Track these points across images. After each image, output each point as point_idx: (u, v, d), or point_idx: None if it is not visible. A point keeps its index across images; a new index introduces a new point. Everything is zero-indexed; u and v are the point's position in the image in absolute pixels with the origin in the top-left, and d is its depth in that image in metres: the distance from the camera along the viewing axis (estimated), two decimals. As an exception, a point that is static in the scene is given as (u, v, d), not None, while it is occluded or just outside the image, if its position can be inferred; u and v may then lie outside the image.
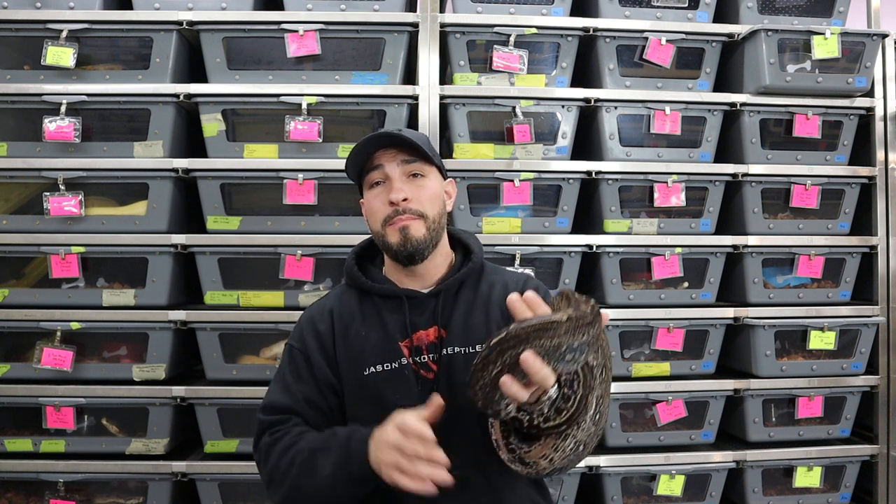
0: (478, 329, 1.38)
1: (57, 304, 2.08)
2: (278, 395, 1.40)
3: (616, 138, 2.22)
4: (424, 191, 1.38)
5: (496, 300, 1.42)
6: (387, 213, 1.36)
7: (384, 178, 1.39)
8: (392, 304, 1.41)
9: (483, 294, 1.43)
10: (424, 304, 1.40)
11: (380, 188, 1.39)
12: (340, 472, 1.23)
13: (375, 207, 1.39)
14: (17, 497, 2.09)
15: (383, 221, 1.37)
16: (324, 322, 1.42)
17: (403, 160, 1.38)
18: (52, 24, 2.07)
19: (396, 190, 1.35)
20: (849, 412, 2.31)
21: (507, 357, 1.05)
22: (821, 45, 2.21)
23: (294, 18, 2.10)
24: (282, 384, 1.41)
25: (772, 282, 2.31)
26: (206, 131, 2.11)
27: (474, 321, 1.39)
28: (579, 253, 2.18)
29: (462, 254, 1.50)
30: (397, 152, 1.38)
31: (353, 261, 1.47)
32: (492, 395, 1.08)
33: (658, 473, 2.19)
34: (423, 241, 1.36)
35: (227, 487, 2.08)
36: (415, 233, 1.35)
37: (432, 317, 1.39)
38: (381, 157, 1.38)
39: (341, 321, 1.41)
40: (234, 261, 2.12)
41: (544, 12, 2.21)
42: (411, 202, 1.36)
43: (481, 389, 1.09)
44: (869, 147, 2.37)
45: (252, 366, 2.12)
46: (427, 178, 1.40)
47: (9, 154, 2.09)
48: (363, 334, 1.39)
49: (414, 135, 1.39)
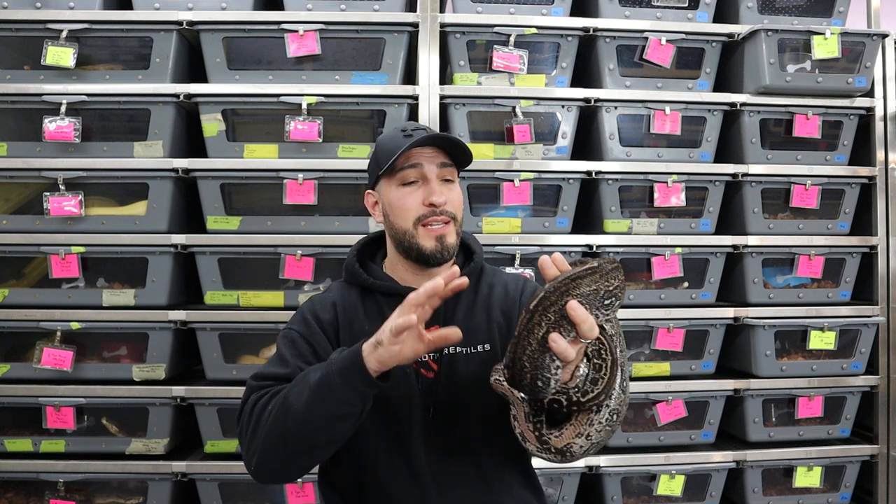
0: (479, 329, 1.38)
1: (57, 304, 2.08)
2: (273, 367, 1.34)
3: (616, 138, 2.22)
4: (456, 195, 1.38)
5: (497, 301, 1.42)
6: (422, 212, 1.34)
7: (420, 178, 1.36)
8: (394, 302, 1.38)
9: (483, 295, 1.43)
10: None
11: (414, 187, 1.36)
12: (331, 373, 1.16)
13: (409, 205, 1.36)
14: (17, 497, 2.09)
15: (416, 220, 1.35)
16: (328, 312, 1.40)
17: (441, 163, 1.37)
18: (52, 24, 2.07)
19: (438, 193, 1.34)
20: (849, 412, 2.31)
21: (550, 314, 1.05)
22: (821, 45, 2.21)
23: (294, 18, 2.10)
24: (277, 360, 1.35)
25: (772, 282, 2.31)
26: (206, 131, 2.11)
27: (476, 321, 1.39)
28: (579, 253, 2.18)
29: (463, 254, 1.50)
30: (436, 153, 1.37)
31: (355, 258, 1.46)
32: (541, 361, 1.07)
33: (658, 473, 2.19)
34: (454, 247, 1.37)
35: (227, 487, 2.08)
36: (450, 239, 1.35)
37: (434, 316, 1.38)
38: (418, 155, 1.35)
39: (345, 314, 1.40)
40: (234, 261, 2.12)
41: (544, 12, 2.21)
42: (447, 205, 1.35)
43: (528, 358, 1.07)
44: (869, 147, 2.37)
45: (252, 366, 2.12)
46: (455, 183, 1.40)
47: (9, 154, 2.09)
48: (366, 329, 1.37)
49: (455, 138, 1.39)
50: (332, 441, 1.20)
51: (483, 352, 1.37)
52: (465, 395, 1.34)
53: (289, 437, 1.17)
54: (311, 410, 1.15)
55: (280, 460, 1.21)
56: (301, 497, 2.06)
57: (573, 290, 1.05)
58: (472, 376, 1.34)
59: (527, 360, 1.08)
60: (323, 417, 1.16)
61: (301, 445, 1.18)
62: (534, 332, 1.06)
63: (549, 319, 1.05)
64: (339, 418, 1.16)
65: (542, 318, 1.06)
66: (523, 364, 1.08)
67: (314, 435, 1.17)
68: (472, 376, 1.34)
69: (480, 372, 1.33)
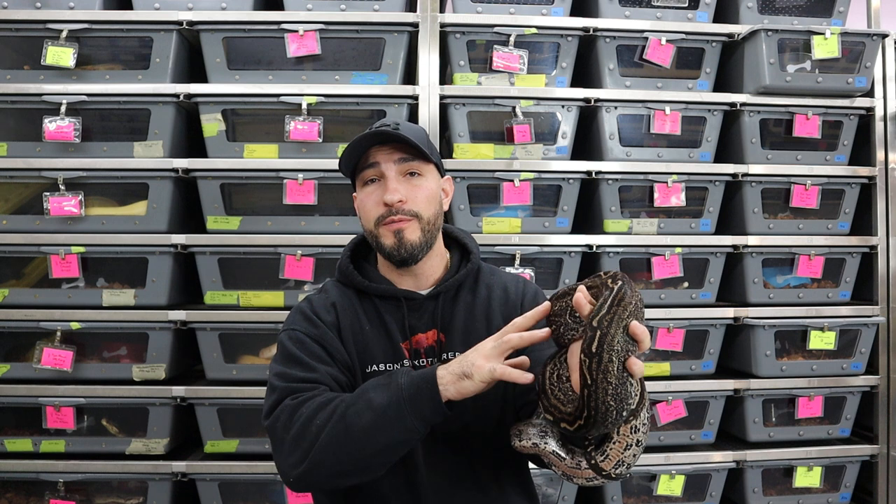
0: (478, 335, 1.33)
1: (57, 304, 2.08)
2: (292, 369, 1.27)
3: (616, 138, 2.22)
4: (420, 191, 1.34)
5: (497, 306, 1.40)
6: (380, 213, 1.32)
7: (379, 177, 1.34)
8: (390, 305, 1.38)
9: (482, 297, 1.40)
10: (423, 306, 1.38)
11: (374, 186, 1.34)
12: (401, 400, 1.12)
13: (369, 206, 1.34)
14: (17, 497, 2.09)
15: (376, 221, 1.33)
16: (329, 314, 1.36)
17: (400, 158, 1.33)
18: (52, 24, 2.07)
19: (392, 191, 1.30)
20: (849, 412, 2.31)
21: (616, 346, 1.04)
22: (821, 45, 2.21)
23: (294, 18, 2.10)
24: (292, 361, 1.29)
25: (772, 282, 2.31)
26: (206, 131, 2.11)
27: (475, 326, 1.36)
28: (579, 253, 2.18)
29: (459, 253, 1.46)
30: (394, 150, 1.33)
31: (348, 259, 1.43)
32: (623, 392, 1.05)
33: (658, 473, 2.19)
34: (417, 245, 1.32)
35: (227, 487, 2.08)
36: (409, 236, 1.31)
37: (431, 320, 1.36)
38: (376, 154, 1.33)
39: (345, 315, 1.36)
40: (234, 261, 2.12)
41: (544, 12, 2.21)
42: (406, 203, 1.31)
43: (613, 396, 1.05)
44: (869, 147, 2.37)
45: (252, 366, 2.12)
46: (424, 178, 1.35)
47: (9, 154, 2.09)
48: (366, 329, 1.36)
49: (412, 131, 1.34)
50: (386, 464, 1.18)
51: None
52: (470, 406, 1.29)
53: (344, 455, 1.14)
54: (372, 434, 1.13)
55: (328, 476, 1.17)
56: (301, 497, 2.06)
57: (623, 313, 1.04)
58: None
59: (611, 398, 1.05)
60: (384, 443, 1.14)
61: (354, 466, 1.16)
62: (609, 370, 1.04)
63: (617, 351, 1.04)
64: (400, 444, 1.15)
65: (612, 354, 1.04)
66: (608, 404, 1.05)
67: (371, 458, 1.15)
68: None
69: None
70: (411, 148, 1.33)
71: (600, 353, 1.03)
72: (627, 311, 1.04)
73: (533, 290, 1.46)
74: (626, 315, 1.04)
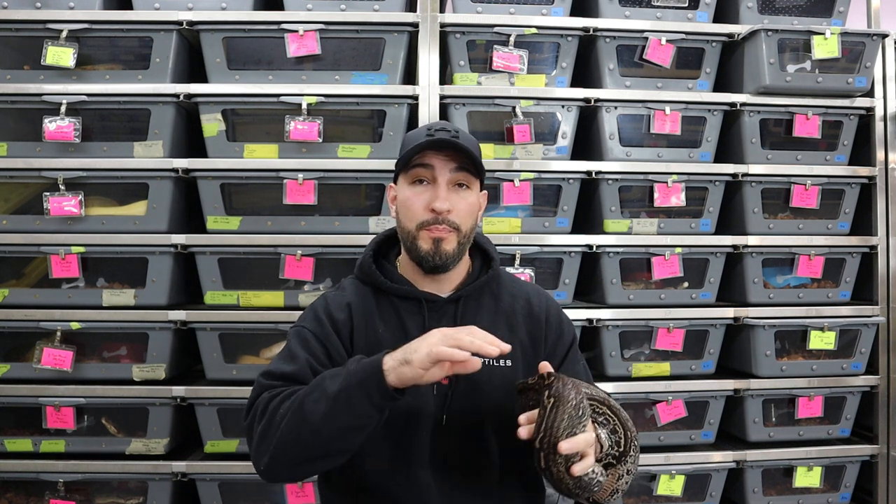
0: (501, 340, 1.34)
1: (57, 304, 2.08)
2: (282, 364, 1.31)
3: (616, 138, 2.22)
4: (465, 203, 1.34)
5: (521, 317, 1.41)
6: (426, 218, 1.32)
7: (430, 180, 1.34)
8: (410, 306, 1.37)
9: (505, 305, 1.41)
10: (444, 309, 1.37)
11: (423, 188, 1.34)
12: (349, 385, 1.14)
13: (414, 207, 1.34)
14: (17, 497, 2.09)
15: (420, 224, 1.33)
16: (342, 313, 1.36)
17: (455, 167, 1.33)
18: (52, 24, 2.07)
19: (442, 199, 1.31)
20: (849, 412, 2.31)
21: (558, 458, 1.12)
22: (821, 45, 2.21)
23: (294, 18, 2.10)
24: (287, 356, 1.32)
25: (772, 282, 2.31)
26: (206, 131, 2.11)
27: (498, 334, 1.32)
28: (579, 253, 2.18)
29: (480, 259, 1.46)
30: (450, 158, 1.33)
31: (371, 258, 1.42)
32: (585, 482, 1.15)
33: (658, 473, 2.19)
34: (451, 256, 1.33)
35: (227, 487, 2.08)
36: (446, 246, 1.32)
37: (452, 322, 1.35)
38: (433, 156, 1.33)
39: (360, 315, 1.37)
40: (234, 261, 2.12)
41: (544, 12, 2.21)
42: (451, 213, 1.32)
43: (577, 488, 1.15)
44: (869, 147, 2.37)
45: (252, 366, 2.12)
46: (471, 191, 1.36)
47: (9, 154, 2.09)
48: (380, 331, 1.35)
49: (469, 142, 1.35)
50: (346, 450, 1.19)
51: (504, 367, 1.35)
52: (480, 407, 1.32)
53: (302, 444, 1.17)
54: (326, 421, 1.15)
55: (291, 464, 1.20)
56: (301, 497, 2.06)
57: (557, 432, 1.11)
58: (490, 390, 1.32)
59: (575, 489, 1.16)
60: (338, 428, 1.15)
61: (314, 453, 1.18)
62: (562, 479, 1.14)
63: (564, 460, 1.12)
64: (354, 429, 1.16)
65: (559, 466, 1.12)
66: (576, 493, 1.18)
67: (328, 444, 1.17)
68: (490, 390, 1.32)
69: (499, 387, 1.32)
70: (467, 160, 1.34)
71: (549, 468, 1.13)
72: (561, 428, 1.11)
73: (556, 308, 1.47)
74: (560, 433, 1.11)
